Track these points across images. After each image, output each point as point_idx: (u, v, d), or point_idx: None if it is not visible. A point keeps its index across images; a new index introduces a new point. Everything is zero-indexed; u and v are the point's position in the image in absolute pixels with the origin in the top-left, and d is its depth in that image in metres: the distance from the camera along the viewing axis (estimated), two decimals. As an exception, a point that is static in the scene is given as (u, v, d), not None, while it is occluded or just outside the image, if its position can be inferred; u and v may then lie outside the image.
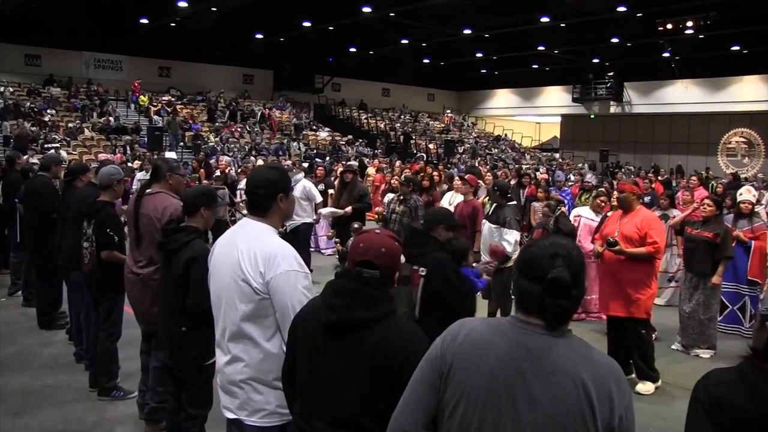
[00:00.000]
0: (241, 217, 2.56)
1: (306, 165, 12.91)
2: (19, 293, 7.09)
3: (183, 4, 20.05)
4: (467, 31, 23.73)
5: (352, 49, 27.40)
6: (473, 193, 7.38)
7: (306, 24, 22.98)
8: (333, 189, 9.32)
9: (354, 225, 6.88)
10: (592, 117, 31.54)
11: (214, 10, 20.94)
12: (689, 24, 21.10)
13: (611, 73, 29.29)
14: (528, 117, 37.47)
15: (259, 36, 25.57)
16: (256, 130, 25.54)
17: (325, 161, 18.61)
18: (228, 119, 25.52)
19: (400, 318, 1.96)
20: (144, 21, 22.65)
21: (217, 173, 11.37)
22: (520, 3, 21.32)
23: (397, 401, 1.62)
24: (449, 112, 36.21)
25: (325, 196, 9.31)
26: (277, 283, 2.23)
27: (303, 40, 25.28)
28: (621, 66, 28.37)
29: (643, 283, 4.88)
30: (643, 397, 4.80)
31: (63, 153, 15.36)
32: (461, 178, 7.83)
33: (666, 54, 25.04)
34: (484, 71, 33.65)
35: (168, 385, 3.47)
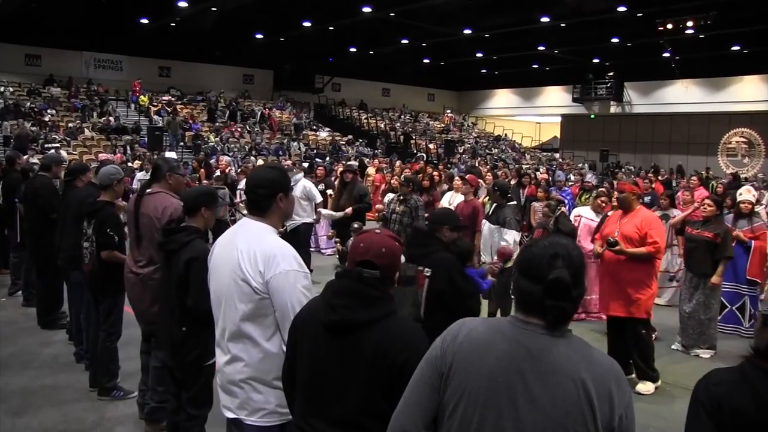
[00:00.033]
0: (241, 217, 2.55)
1: (306, 165, 12.89)
2: (19, 293, 7.09)
3: (183, 4, 20.05)
4: (467, 31, 23.72)
5: (352, 49, 27.39)
6: (473, 193, 7.38)
7: (306, 24, 22.98)
8: (333, 189, 9.33)
9: (354, 225, 6.88)
10: (592, 117, 31.53)
11: (214, 10, 20.93)
12: (689, 24, 21.09)
13: (611, 73, 29.27)
14: (528, 117, 37.46)
15: (259, 36, 25.56)
16: (256, 130, 25.53)
17: (325, 161, 18.60)
18: (228, 119, 25.52)
19: (400, 318, 1.96)
20: (144, 21, 22.65)
21: (217, 173, 11.36)
22: (520, 3, 21.31)
23: (398, 401, 1.62)
24: (449, 112, 36.20)
25: (325, 196, 9.32)
26: (277, 283, 2.24)
27: (303, 40, 25.27)
28: (621, 66, 28.36)
29: (644, 283, 4.87)
30: (643, 397, 4.80)
31: (63, 153, 15.33)
32: (461, 178, 7.84)
33: (666, 54, 25.03)
34: (484, 71, 33.64)
35: (168, 385, 3.47)
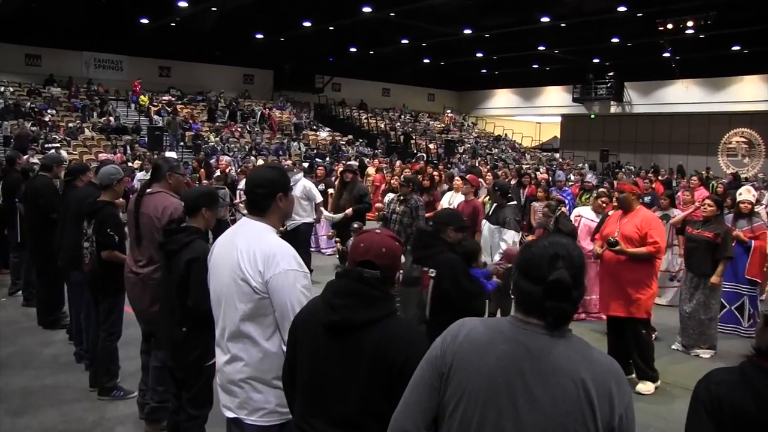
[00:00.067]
0: (241, 217, 2.56)
1: (306, 165, 12.88)
2: (19, 293, 7.10)
3: (183, 4, 20.05)
4: (467, 31, 23.72)
5: (352, 49, 27.38)
6: (474, 193, 7.39)
7: (306, 24, 22.97)
8: (333, 189, 9.32)
9: (354, 225, 6.88)
10: (592, 117, 31.53)
11: (214, 10, 20.93)
12: (689, 24, 21.08)
13: (611, 73, 29.27)
14: (528, 117, 37.46)
15: (260, 36, 25.56)
16: (256, 130, 25.54)
17: (325, 161, 18.60)
18: (228, 119, 25.53)
19: (400, 318, 1.95)
20: (144, 21, 22.65)
21: (218, 173, 11.36)
22: (520, 3, 21.31)
23: (398, 401, 1.61)
24: (449, 112, 36.20)
25: (326, 196, 9.32)
26: (276, 283, 2.24)
27: (303, 40, 25.27)
28: (621, 66, 28.36)
29: (644, 283, 4.87)
30: (643, 397, 4.80)
31: (63, 153, 15.31)
32: (462, 177, 7.84)
33: (666, 54, 25.03)
34: (484, 71, 33.64)
35: (169, 385, 3.47)
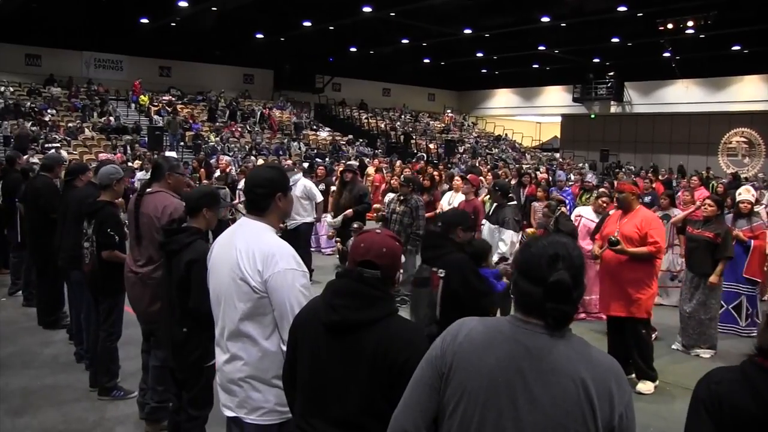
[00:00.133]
0: (241, 217, 2.56)
1: (306, 165, 12.89)
2: (19, 293, 7.10)
3: (183, 3, 20.04)
4: (467, 31, 23.71)
5: (352, 49, 27.38)
6: (474, 193, 7.39)
7: (306, 24, 22.97)
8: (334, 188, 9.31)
9: (354, 225, 6.88)
10: (592, 117, 31.51)
11: (214, 9, 20.93)
12: (690, 24, 21.08)
13: (612, 73, 29.26)
14: (528, 117, 37.45)
15: (260, 36, 25.56)
16: (256, 129, 25.54)
17: (325, 161, 18.60)
18: (228, 119, 25.52)
19: (400, 318, 1.96)
20: (144, 21, 22.64)
21: (218, 173, 11.36)
22: (520, 3, 21.30)
23: (398, 401, 1.61)
24: (449, 111, 36.20)
25: (326, 195, 9.31)
26: (275, 282, 2.24)
27: (303, 39, 25.27)
28: (621, 66, 28.34)
29: (644, 283, 4.87)
30: (643, 397, 4.80)
31: (63, 153, 15.32)
32: (462, 177, 7.85)
33: (666, 54, 25.02)
34: (484, 71, 33.63)
35: (169, 385, 3.47)
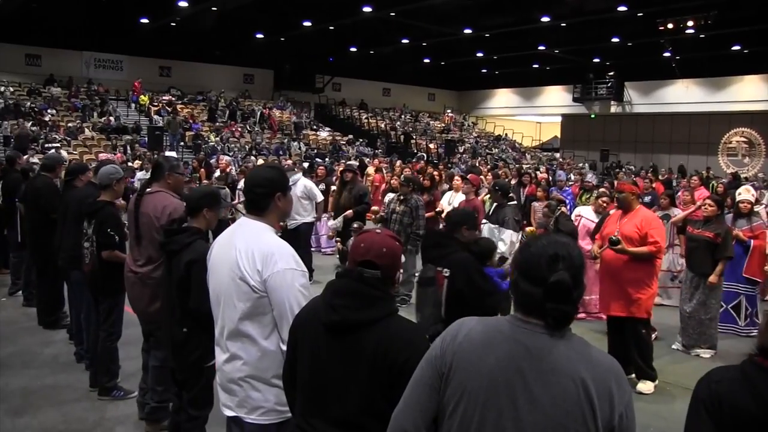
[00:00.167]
0: (241, 217, 2.56)
1: (306, 165, 12.90)
2: (20, 293, 7.09)
3: (183, 3, 20.05)
4: (467, 31, 23.71)
5: (352, 49, 27.38)
6: (474, 192, 7.40)
7: (306, 24, 22.97)
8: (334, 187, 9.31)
9: (354, 225, 6.88)
10: (592, 117, 31.51)
11: (214, 9, 20.94)
12: (690, 23, 21.08)
13: (612, 73, 29.26)
14: (528, 117, 37.45)
15: (260, 36, 25.56)
16: (256, 129, 25.54)
17: (326, 161, 18.61)
18: (228, 119, 25.53)
19: (400, 318, 1.95)
20: (144, 21, 22.65)
21: (218, 173, 11.36)
22: (520, 2, 21.30)
23: (398, 401, 1.61)
24: (450, 111, 36.20)
25: (326, 195, 9.31)
26: (275, 281, 2.24)
27: (303, 39, 25.27)
28: (621, 66, 28.34)
29: (644, 283, 4.87)
30: (644, 397, 4.80)
31: (63, 153, 15.34)
32: (462, 177, 7.85)
33: (666, 54, 25.02)
34: (484, 71, 33.63)
35: (170, 385, 3.47)
